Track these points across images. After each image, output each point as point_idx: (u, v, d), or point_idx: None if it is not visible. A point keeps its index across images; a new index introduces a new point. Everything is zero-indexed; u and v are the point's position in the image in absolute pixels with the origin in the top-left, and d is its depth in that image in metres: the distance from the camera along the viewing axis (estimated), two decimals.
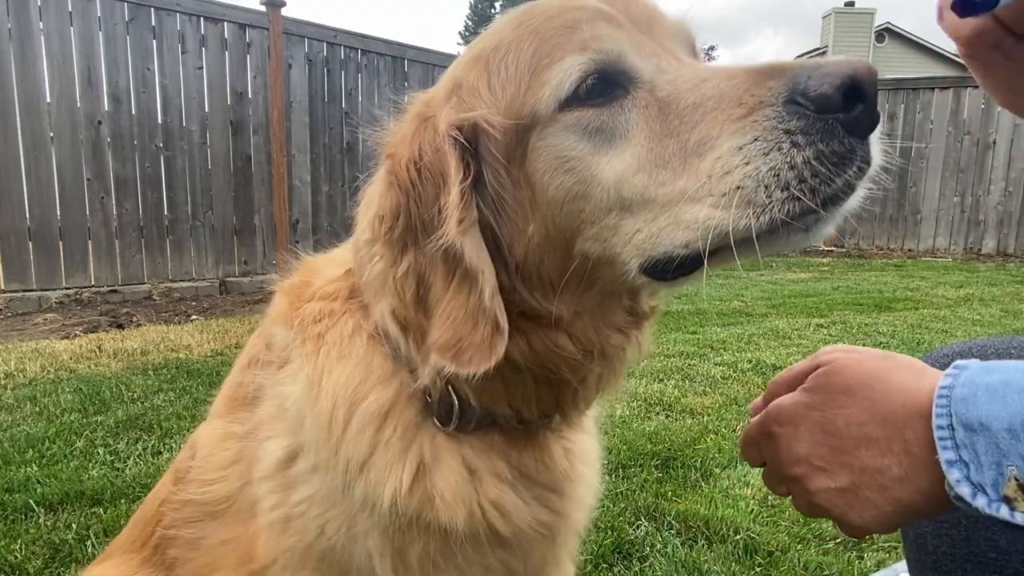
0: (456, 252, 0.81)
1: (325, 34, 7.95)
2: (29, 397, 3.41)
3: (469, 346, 0.82)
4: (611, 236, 0.80)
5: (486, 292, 0.81)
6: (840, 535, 2.17)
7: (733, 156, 0.71)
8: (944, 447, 0.68)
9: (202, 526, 1.13)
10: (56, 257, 6.26)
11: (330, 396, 0.98)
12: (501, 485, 0.97)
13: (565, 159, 0.80)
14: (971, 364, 0.71)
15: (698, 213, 0.73)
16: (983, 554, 0.98)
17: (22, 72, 5.91)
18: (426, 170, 0.84)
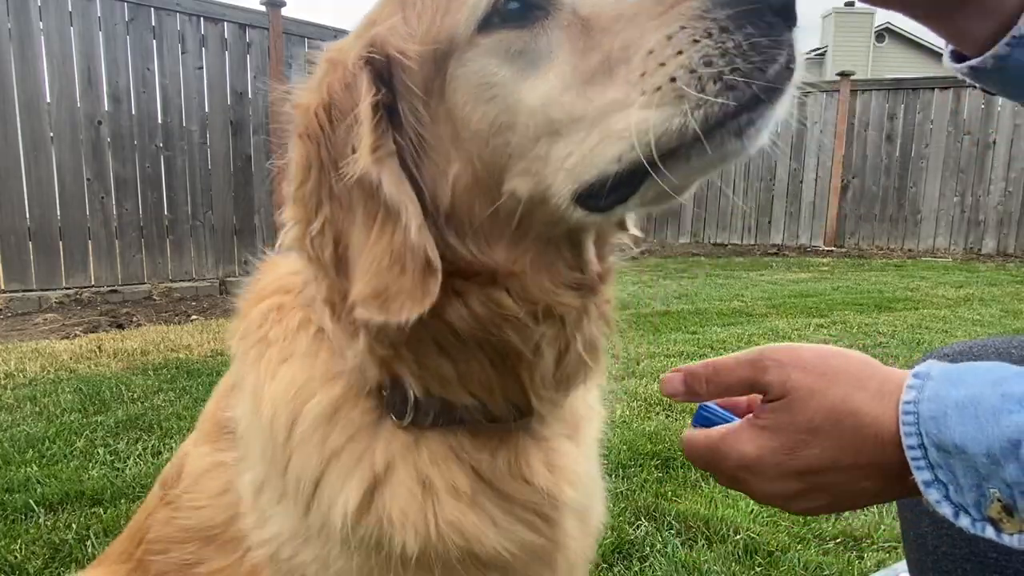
0: (372, 185, 0.73)
1: (325, 34, 7.94)
2: (29, 397, 3.41)
3: (399, 292, 0.73)
4: (542, 167, 0.73)
5: (412, 227, 0.73)
6: (840, 535, 2.17)
7: (662, 49, 0.67)
8: (918, 467, 0.65)
9: (194, 549, 1.08)
10: (56, 257, 6.26)
11: (271, 404, 0.89)
12: (459, 504, 0.85)
13: (487, 86, 0.74)
14: (932, 371, 0.68)
15: (629, 119, 0.67)
16: (983, 554, 0.98)
17: (22, 72, 5.91)
18: (336, 110, 0.76)
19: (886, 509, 2.34)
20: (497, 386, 0.85)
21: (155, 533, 1.15)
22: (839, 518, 2.29)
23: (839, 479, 0.72)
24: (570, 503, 0.94)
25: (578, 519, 0.98)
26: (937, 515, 0.99)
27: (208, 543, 1.07)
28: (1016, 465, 0.60)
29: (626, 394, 3.56)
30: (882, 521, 2.26)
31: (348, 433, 0.88)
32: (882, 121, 10.96)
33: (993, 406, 0.62)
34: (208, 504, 1.07)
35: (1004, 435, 0.60)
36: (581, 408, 1.05)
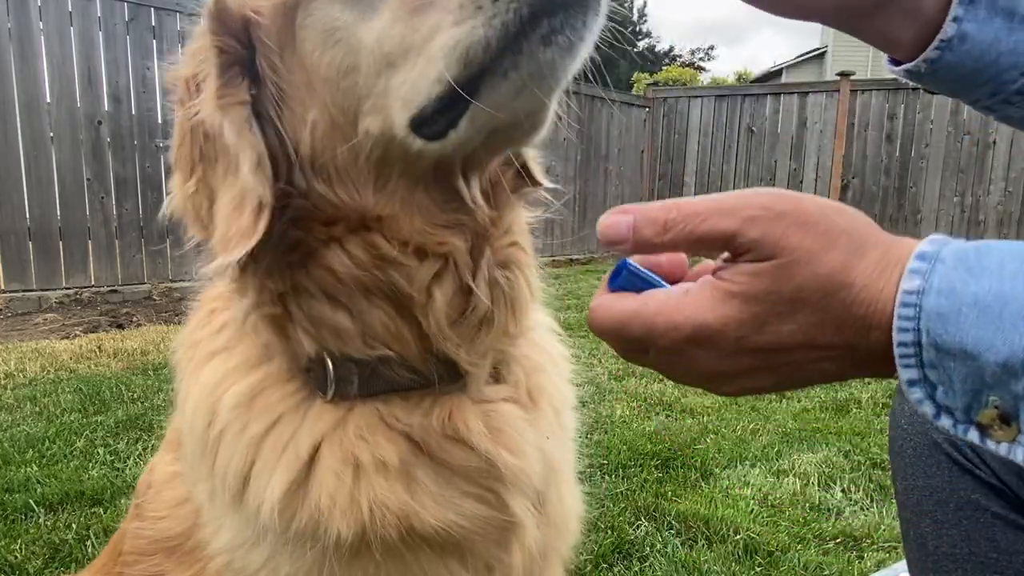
0: (214, 132, 0.77)
1: None
2: (29, 397, 3.41)
3: (236, 232, 0.75)
4: (385, 101, 0.74)
5: (245, 167, 0.75)
6: (840, 535, 2.17)
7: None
8: (906, 365, 0.55)
9: (156, 561, 1.07)
10: (56, 257, 6.26)
11: (193, 403, 0.90)
12: (388, 480, 0.82)
13: (332, 31, 0.76)
14: (943, 252, 0.55)
15: (444, 39, 0.68)
16: (984, 554, 0.98)
17: (22, 72, 5.91)
18: (201, 74, 0.81)
19: (886, 509, 2.34)
20: (408, 335, 0.83)
21: (127, 545, 1.14)
22: (839, 518, 2.29)
23: (801, 358, 0.59)
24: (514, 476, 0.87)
25: (529, 501, 0.91)
26: (937, 516, 0.98)
27: (170, 554, 1.06)
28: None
29: (626, 394, 3.56)
30: (882, 521, 2.26)
31: (270, 418, 0.86)
32: (882, 121, 10.95)
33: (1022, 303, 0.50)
34: (168, 514, 1.06)
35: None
36: (543, 381, 0.99)
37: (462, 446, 0.86)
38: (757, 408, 3.41)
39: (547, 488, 0.96)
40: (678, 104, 12.17)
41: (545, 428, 0.95)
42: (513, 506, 0.88)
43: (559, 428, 1.00)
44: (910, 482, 1.08)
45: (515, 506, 0.89)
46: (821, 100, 11.21)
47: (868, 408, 3.39)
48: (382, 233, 0.79)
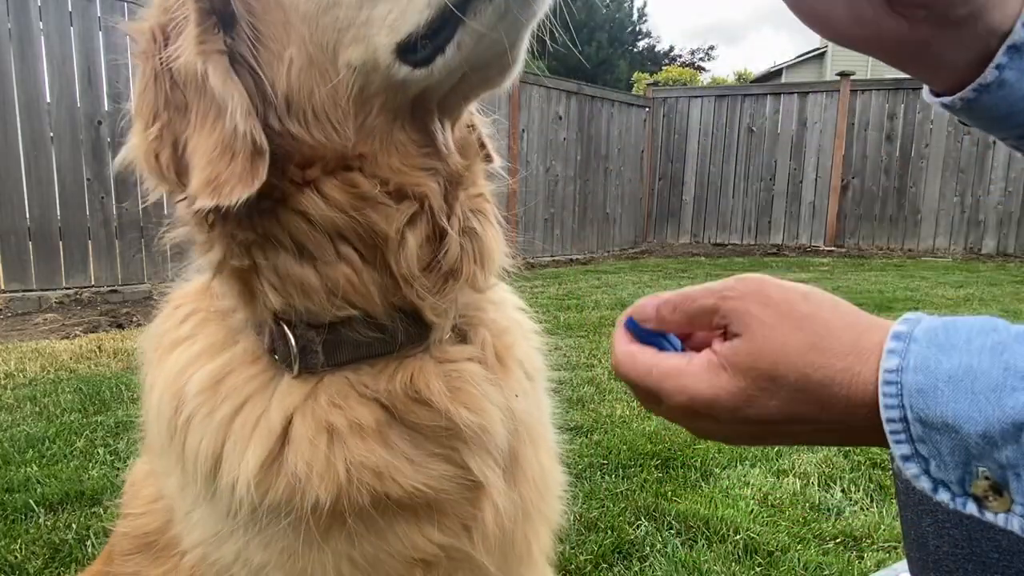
0: (199, 79, 0.77)
1: None
2: (29, 397, 3.41)
3: (230, 177, 0.75)
4: (367, 30, 0.76)
5: (238, 113, 0.76)
6: (840, 535, 2.17)
7: None
8: (898, 441, 0.58)
9: (138, 560, 1.07)
10: (56, 257, 6.26)
11: (157, 392, 0.90)
12: (365, 441, 0.83)
13: None
14: (916, 331, 0.60)
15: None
16: (985, 555, 0.98)
17: (22, 72, 5.91)
18: (172, 23, 0.79)
19: (886, 509, 2.34)
20: (373, 288, 0.83)
21: (116, 549, 1.14)
22: (839, 518, 2.29)
23: (797, 430, 0.65)
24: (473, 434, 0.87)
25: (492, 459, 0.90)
26: (938, 516, 0.98)
27: (147, 551, 1.06)
28: (1016, 448, 0.54)
29: (626, 394, 3.56)
30: (882, 521, 2.26)
31: (238, 399, 0.87)
32: (882, 121, 10.96)
33: (994, 382, 0.54)
34: (145, 511, 1.07)
35: (1007, 417, 0.53)
36: (509, 342, 0.99)
37: (426, 407, 0.86)
38: None
39: (521, 446, 0.96)
40: (678, 104, 12.17)
41: (515, 388, 0.95)
42: (472, 465, 0.89)
43: (533, 391, 1.00)
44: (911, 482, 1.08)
45: (473, 465, 0.89)
46: (821, 100, 11.22)
47: None
48: (361, 171, 0.80)
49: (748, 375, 0.63)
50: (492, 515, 0.91)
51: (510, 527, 0.94)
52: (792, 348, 0.62)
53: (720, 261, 10.30)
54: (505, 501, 0.92)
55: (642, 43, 39.30)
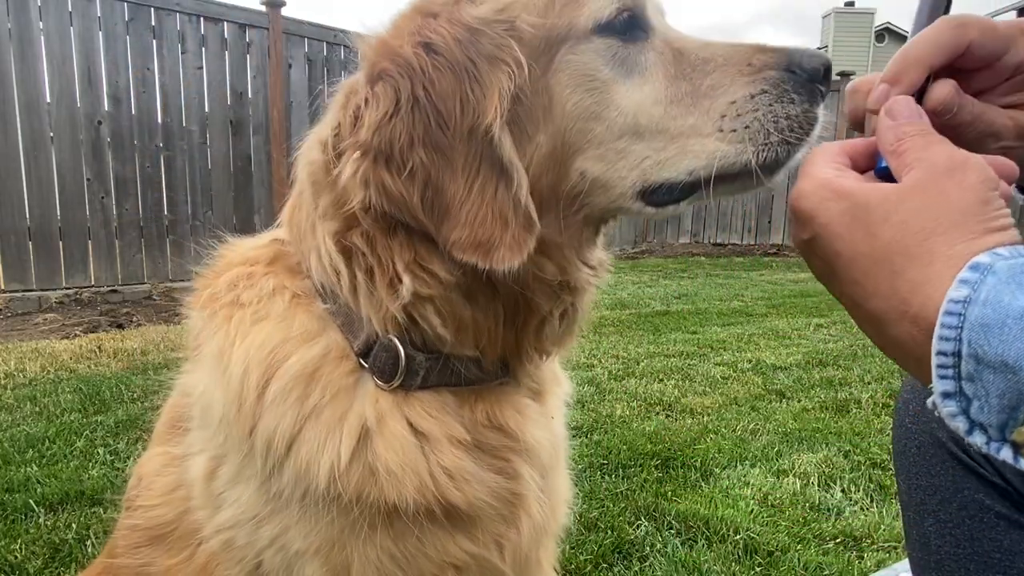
0: (493, 145, 0.80)
1: (325, 34, 7.94)
2: (29, 397, 3.41)
3: (500, 243, 0.81)
4: (617, 159, 0.86)
5: (523, 189, 0.82)
6: (840, 535, 2.17)
7: (746, 103, 0.85)
8: (942, 376, 0.55)
9: (148, 551, 1.07)
10: (56, 257, 6.26)
11: (241, 362, 0.90)
12: (458, 451, 0.91)
13: (590, 78, 0.86)
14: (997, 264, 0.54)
15: (706, 145, 0.85)
16: (987, 554, 0.98)
17: (22, 72, 5.91)
18: (443, 58, 0.80)
19: (886, 509, 2.34)
20: (500, 340, 0.93)
21: (120, 544, 1.14)
22: (839, 518, 2.29)
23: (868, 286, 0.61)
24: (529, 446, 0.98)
25: (537, 472, 1.01)
26: (941, 516, 0.98)
27: (159, 542, 1.06)
28: None
29: (626, 394, 3.56)
30: (882, 521, 2.26)
31: (330, 392, 0.90)
32: None
33: None
34: (159, 502, 1.06)
35: None
36: (547, 376, 1.10)
37: (500, 432, 0.96)
38: (757, 408, 3.41)
39: (552, 466, 1.07)
40: None
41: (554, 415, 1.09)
42: (523, 473, 0.98)
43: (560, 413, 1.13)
44: (913, 481, 1.08)
45: (525, 473, 0.98)
46: None
47: (868, 408, 3.39)
48: (550, 258, 0.89)
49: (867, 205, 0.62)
50: (528, 527, 1.00)
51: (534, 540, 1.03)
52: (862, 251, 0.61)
53: (720, 261, 10.29)
54: (538, 515, 1.01)
55: None
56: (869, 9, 30.94)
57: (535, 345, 0.96)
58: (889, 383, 3.81)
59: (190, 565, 1.02)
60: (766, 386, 3.76)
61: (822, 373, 4.02)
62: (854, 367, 4.14)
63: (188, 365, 1.04)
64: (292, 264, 0.98)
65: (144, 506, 1.08)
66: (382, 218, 0.85)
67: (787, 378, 3.90)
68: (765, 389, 3.71)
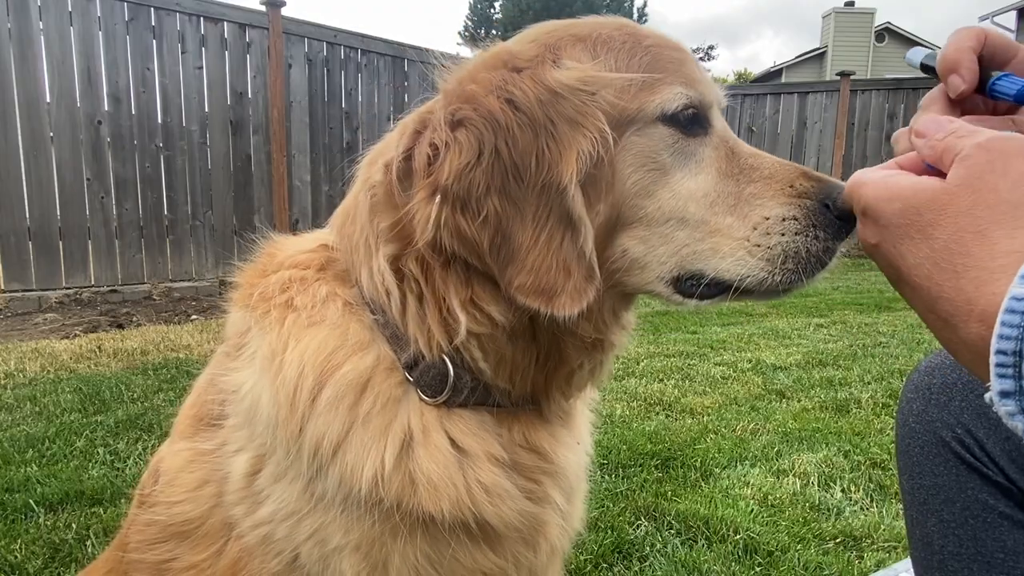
0: (565, 199, 0.85)
1: (325, 34, 7.95)
2: (29, 397, 3.41)
3: (562, 291, 0.85)
4: (659, 244, 0.91)
5: (588, 243, 0.86)
6: (840, 535, 2.17)
7: (777, 224, 0.90)
8: (1002, 375, 0.53)
9: (168, 547, 1.07)
10: (56, 257, 6.26)
11: (295, 365, 0.93)
12: (495, 468, 0.95)
13: (651, 160, 0.91)
14: None
15: (735, 249, 0.90)
16: (990, 554, 0.98)
17: (22, 72, 5.91)
18: (524, 115, 0.85)
19: (886, 509, 2.34)
20: (531, 379, 0.98)
21: (135, 536, 1.13)
22: (839, 518, 2.29)
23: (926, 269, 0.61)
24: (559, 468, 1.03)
25: (565, 497, 1.06)
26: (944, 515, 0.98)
27: (184, 539, 1.06)
28: None
29: (626, 394, 3.56)
30: (882, 521, 2.26)
31: (380, 403, 0.93)
32: (882, 121, 10.96)
33: None
34: (185, 498, 1.06)
35: None
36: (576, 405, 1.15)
37: (535, 454, 1.01)
38: (757, 408, 3.41)
39: (576, 488, 1.11)
40: None
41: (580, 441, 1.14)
42: (552, 496, 1.02)
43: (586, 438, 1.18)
44: (917, 481, 1.08)
45: (553, 496, 1.02)
46: (821, 100, 11.22)
47: (868, 408, 3.39)
48: (587, 319, 0.93)
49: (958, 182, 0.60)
50: (545, 552, 1.05)
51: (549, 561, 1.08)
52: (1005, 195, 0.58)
53: None
54: (557, 538, 1.06)
55: None
56: (869, 9, 30.94)
57: (562, 389, 1.02)
58: (889, 383, 3.81)
59: (219, 561, 1.02)
60: (766, 386, 3.76)
61: (822, 373, 4.02)
62: (854, 367, 4.14)
63: (228, 362, 1.05)
64: (341, 272, 1.01)
65: (166, 502, 1.08)
66: (442, 253, 0.89)
67: (787, 378, 3.90)
68: (765, 389, 3.71)
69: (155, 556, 1.09)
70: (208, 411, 1.08)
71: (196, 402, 1.13)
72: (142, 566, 1.11)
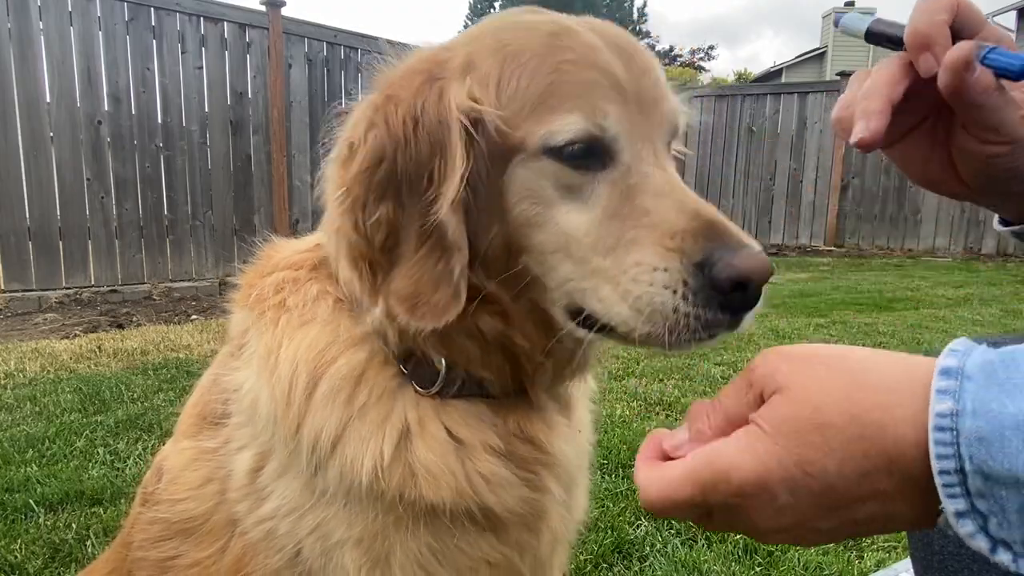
0: (440, 226, 0.86)
1: (325, 34, 7.95)
2: (29, 397, 3.41)
3: (425, 303, 0.87)
4: (549, 271, 0.89)
5: (457, 268, 0.87)
6: None
7: (646, 272, 0.83)
8: (951, 495, 0.52)
9: (173, 545, 1.08)
10: (56, 257, 6.26)
11: (290, 362, 0.95)
12: (492, 457, 0.96)
13: (534, 193, 0.88)
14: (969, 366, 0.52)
15: (611, 294, 0.85)
16: None
17: (22, 72, 5.91)
18: (424, 131, 0.87)
19: None
20: (508, 373, 0.98)
21: (139, 533, 1.14)
22: None
23: (869, 503, 0.57)
24: (555, 459, 1.03)
25: (562, 484, 1.05)
26: None
27: (188, 536, 1.08)
28: None
29: (626, 394, 3.56)
30: None
31: (375, 395, 0.95)
32: None
33: None
34: (189, 496, 1.08)
35: None
36: (575, 394, 1.15)
37: (530, 444, 1.01)
38: None
39: (576, 478, 1.11)
40: None
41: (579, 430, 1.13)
42: (550, 487, 1.02)
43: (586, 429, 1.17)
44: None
45: (550, 487, 1.02)
46: (821, 100, 11.21)
47: None
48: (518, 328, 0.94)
49: (792, 432, 0.56)
50: (548, 538, 1.05)
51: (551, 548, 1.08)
52: (834, 389, 0.56)
53: None
54: (558, 525, 1.06)
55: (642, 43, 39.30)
56: (869, 9, 30.93)
57: (538, 383, 1.01)
58: None
59: (223, 558, 1.04)
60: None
61: None
62: None
63: (231, 362, 1.07)
64: (333, 270, 1.03)
65: (170, 500, 1.09)
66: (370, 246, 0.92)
67: None
68: None
69: (159, 553, 1.09)
70: (211, 410, 1.10)
71: (199, 401, 1.14)
72: (146, 563, 1.11)
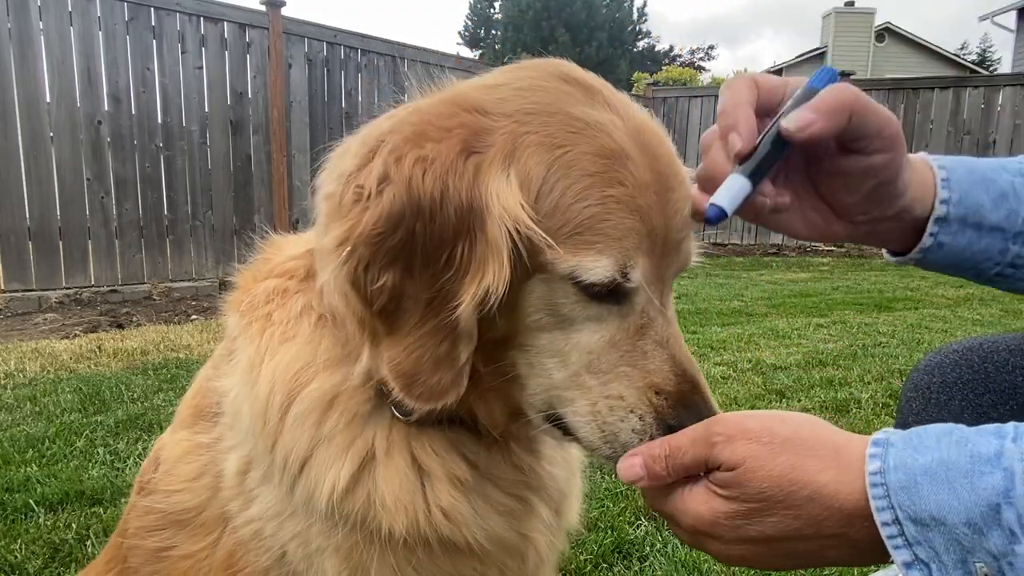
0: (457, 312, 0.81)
1: (325, 34, 7.95)
2: (29, 397, 3.41)
3: (423, 384, 0.84)
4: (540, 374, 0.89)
5: (463, 355, 0.84)
6: None
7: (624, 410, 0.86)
8: (896, 546, 0.62)
9: (167, 535, 1.09)
10: (56, 257, 6.26)
11: (268, 381, 0.94)
12: (455, 492, 0.94)
13: (552, 307, 0.87)
14: (891, 437, 0.66)
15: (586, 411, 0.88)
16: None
17: (22, 72, 5.91)
18: (452, 210, 0.79)
19: None
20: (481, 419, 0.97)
21: (134, 523, 1.15)
22: None
23: (802, 548, 0.71)
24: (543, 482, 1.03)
25: (552, 509, 1.05)
26: None
27: (182, 527, 1.08)
28: (1000, 533, 0.57)
29: None
30: None
31: (344, 420, 0.93)
32: None
33: (964, 469, 0.60)
34: (183, 488, 1.08)
35: (982, 500, 0.58)
36: None
37: (515, 470, 1.01)
38: (757, 408, 3.40)
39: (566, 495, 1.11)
40: (678, 104, 12.16)
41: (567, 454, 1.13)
42: (538, 511, 1.02)
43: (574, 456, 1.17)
44: None
45: (539, 511, 1.03)
46: None
47: (868, 408, 3.39)
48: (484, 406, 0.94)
49: (740, 499, 0.71)
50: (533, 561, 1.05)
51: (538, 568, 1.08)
52: (777, 470, 0.69)
53: (720, 261, 10.29)
54: (545, 548, 1.06)
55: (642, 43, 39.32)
56: (869, 9, 30.95)
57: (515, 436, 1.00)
58: (889, 383, 3.81)
59: (216, 552, 1.04)
60: (766, 386, 3.76)
61: (822, 373, 4.02)
62: (854, 367, 4.14)
63: (223, 365, 1.07)
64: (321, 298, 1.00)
65: (165, 490, 1.10)
66: None
67: (787, 378, 3.90)
68: (765, 389, 3.71)
69: (154, 543, 1.10)
70: (207, 404, 1.10)
71: (198, 392, 1.15)
72: (140, 552, 1.12)
